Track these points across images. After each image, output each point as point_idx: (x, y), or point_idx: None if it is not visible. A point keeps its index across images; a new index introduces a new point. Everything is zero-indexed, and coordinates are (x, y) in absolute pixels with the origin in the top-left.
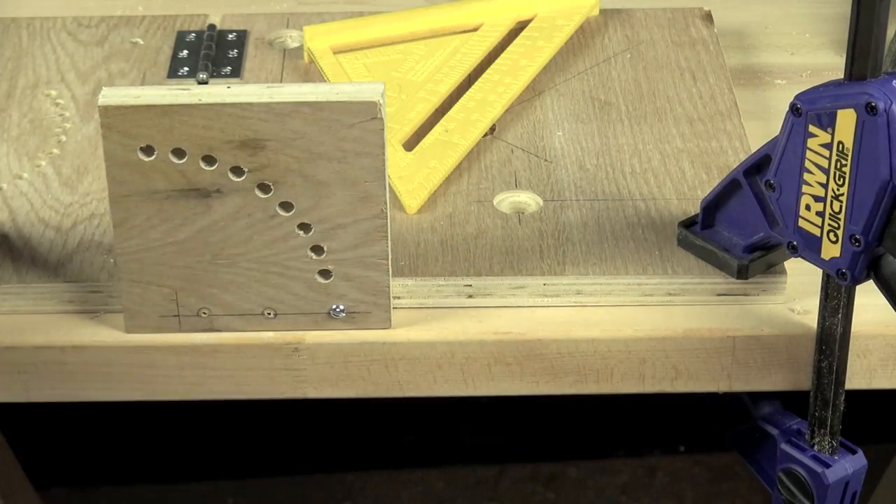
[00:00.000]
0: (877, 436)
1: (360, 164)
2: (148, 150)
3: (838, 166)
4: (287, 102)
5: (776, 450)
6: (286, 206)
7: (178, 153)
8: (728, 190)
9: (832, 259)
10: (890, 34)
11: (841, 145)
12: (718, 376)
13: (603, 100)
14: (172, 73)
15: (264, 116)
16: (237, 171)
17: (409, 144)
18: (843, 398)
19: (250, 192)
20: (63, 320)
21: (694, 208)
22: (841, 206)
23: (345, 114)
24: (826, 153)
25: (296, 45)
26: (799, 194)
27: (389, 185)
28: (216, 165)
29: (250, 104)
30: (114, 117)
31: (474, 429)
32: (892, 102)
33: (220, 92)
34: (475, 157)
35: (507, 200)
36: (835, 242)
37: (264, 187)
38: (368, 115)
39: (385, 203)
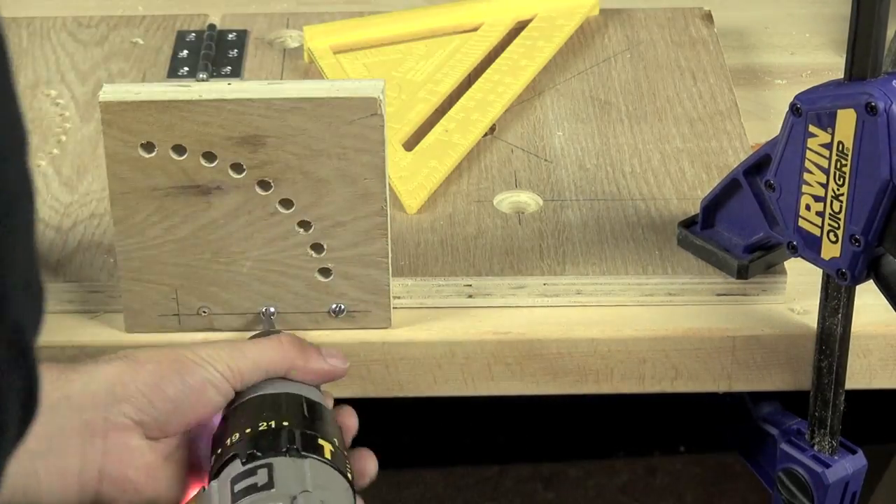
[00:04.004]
0: (877, 436)
1: (361, 161)
2: (148, 147)
3: (838, 166)
4: (287, 99)
5: (776, 450)
6: (286, 203)
7: (179, 150)
8: (728, 190)
9: (832, 259)
10: (890, 34)
11: (841, 145)
12: (718, 376)
13: (603, 100)
14: (172, 73)
15: (264, 113)
16: (237, 167)
17: (409, 144)
18: (843, 398)
19: (250, 189)
20: (63, 320)
21: (694, 208)
22: (841, 206)
23: (345, 110)
24: (826, 153)
25: (296, 45)
26: (799, 194)
27: (389, 184)
28: (216, 162)
29: (250, 100)
30: (114, 113)
31: (474, 429)
32: (892, 102)
33: (220, 88)
34: (475, 157)
35: (507, 200)
36: (835, 242)
37: (264, 184)
38: (369, 111)
39: (385, 200)
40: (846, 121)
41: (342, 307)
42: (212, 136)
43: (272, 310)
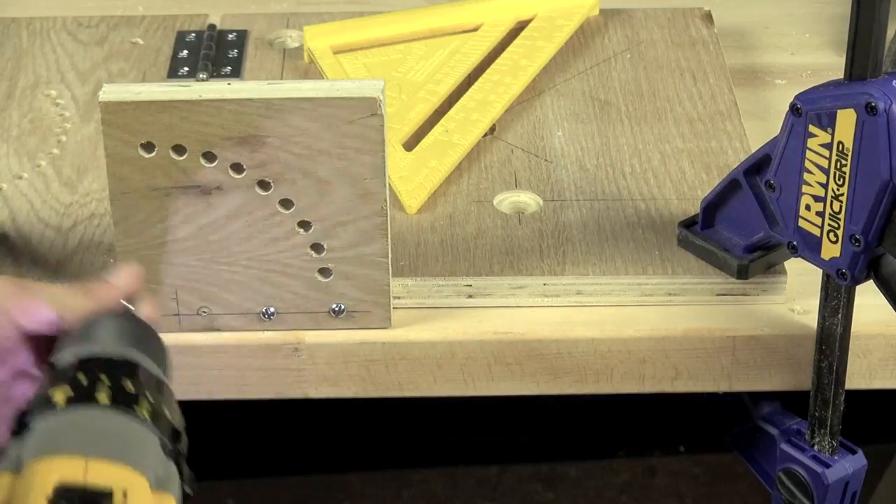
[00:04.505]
0: (877, 436)
1: (361, 161)
2: (148, 147)
3: (838, 166)
4: (287, 98)
5: (776, 450)
6: (286, 203)
7: (179, 149)
8: (728, 190)
9: (832, 259)
10: (890, 34)
11: (841, 145)
12: (718, 376)
13: (603, 100)
14: (172, 73)
15: (264, 112)
16: (237, 167)
17: (409, 144)
18: (842, 398)
19: (250, 189)
20: None
21: (694, 208)
22: (841, 206)
23: (345, 110)
24: (826, 153)
25: (296, 45)
26: (799, 194)
27: (389, 184)
28: (216, 162)
29: (250, 100)
30: (114, 113)
31: (474, 429)
32: (892, 102)
33: (220, 88)
34: (475, 157)
35: (507, 200)
36: (835, 242)
37: (264, 184)
38: (369, 111)
39: (385, 200)
40: (846, 121)
41: (342, 307)
42: (212, 136)
43: None
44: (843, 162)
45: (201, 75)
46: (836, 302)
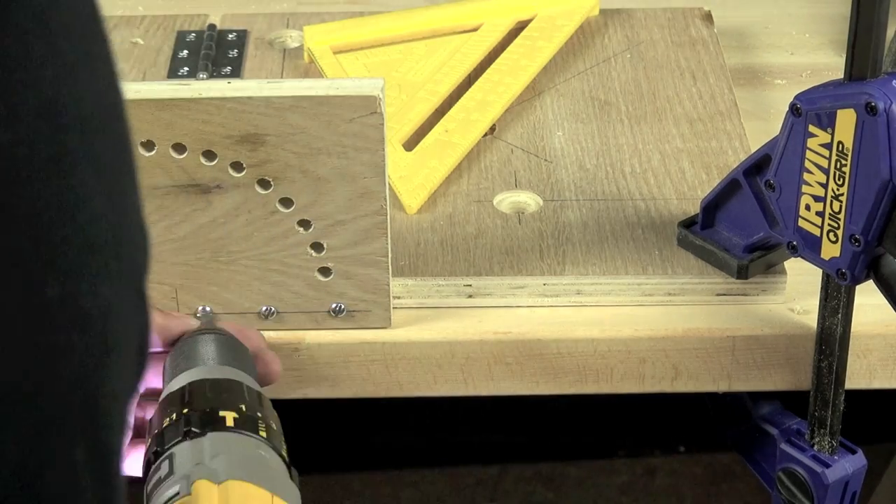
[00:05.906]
0: (877, 436)
1: (360, 160)
2: (148, 145)
3: (838, 166)
4: (287, 97)
5: (776, 450)
6: (286, 202)
7: (179, 148)
8: (728, 190)
9: (832, 259)
10: (890, 34)
11: (841, 145)
12: (718, 376)
13: (603, 100)
14: (172, 73)
15: (264, 111)
16: (237, 166)
17: (409, 144)
18: (842, 398)
19: (250, 187)
20: None
21: (694, 208)
22: (841, 206)
23: (344, 108)
24: (826, 153)
25: (296, 45)
26: (799, 194)
27: (389, 184)
28: (216, 161)
29: (250, 98)
30: None
31: (474, 429)
32: (891, 102)
33: (220, 86)
34: (475, 157)
35: (507, 200)
36: (834, 242)
37: (264, 183)
38: (368, 109)
39: (385, 199)
40: (846, 121)
41: (342, 307)
42: (212, 134)
43: (208, 309)
44: (843, 162)
45: (201, 75)
46: (836, 302)
